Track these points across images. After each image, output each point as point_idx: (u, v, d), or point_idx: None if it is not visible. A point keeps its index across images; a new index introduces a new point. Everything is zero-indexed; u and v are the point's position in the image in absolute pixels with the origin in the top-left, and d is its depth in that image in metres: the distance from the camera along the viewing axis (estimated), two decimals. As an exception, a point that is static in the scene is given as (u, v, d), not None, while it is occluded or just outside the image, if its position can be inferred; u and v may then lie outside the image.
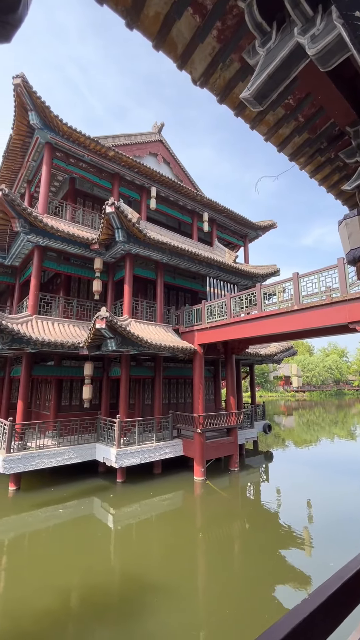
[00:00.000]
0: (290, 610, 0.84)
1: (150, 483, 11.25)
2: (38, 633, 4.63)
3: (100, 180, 14.58)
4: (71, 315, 13.50)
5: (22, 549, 7.27)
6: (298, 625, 0.78)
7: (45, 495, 10.04)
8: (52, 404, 12.94)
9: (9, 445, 10.11)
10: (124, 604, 5.27)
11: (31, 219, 11.30)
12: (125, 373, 12.23)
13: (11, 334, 9.94)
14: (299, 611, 0.83)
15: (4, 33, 0.98)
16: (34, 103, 11.66)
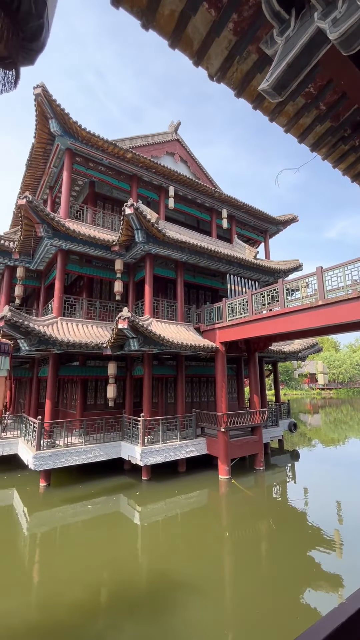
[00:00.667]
0: (334, 609, 0.82)
1: (175, 481, 11.32)
2: (72, 624, 4.78)
3: (119, 183, 14.79)
4: (94, 316, 13.80)
5: (54, 543, 7.53)
6: (344, 623, 0.76)
7: (74, 492, 10.34)
8: (78, 403, 13.29)
9: (39, 443, 10.49)
10: (153, 600, 5.34)
11: (54, 223, 11.64)
12: (148, 372, 12.36)
13: (38, 335, 10.30)
14: (345, 609, 0.80)
15: (29, 58, 1.03)
16: (54, 111, 11.99)
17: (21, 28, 0.91)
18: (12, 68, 1.02)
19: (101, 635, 4.58)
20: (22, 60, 1.00)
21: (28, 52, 1.00)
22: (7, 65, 1.01)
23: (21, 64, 1.01)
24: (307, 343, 17.98)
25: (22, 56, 0.99)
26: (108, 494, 10.22)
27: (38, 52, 1.01)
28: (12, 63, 0.99)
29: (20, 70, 1.03)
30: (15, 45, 0.93)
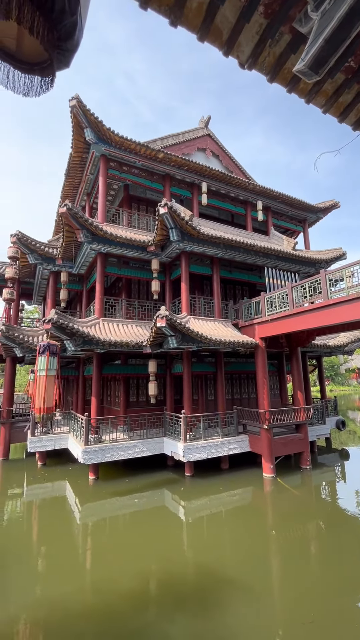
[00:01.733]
0: None
1: (219, 478, 11.29)
2: (124, 610, 4.99)
3: (152, 184, 15.00)
4: (133, 316, 14.17)
5: (104, 533, 7.90)
6: None
7: (121, 485, 10.75)
8: (122, 400, 13.77)
9: (87, 438, 11.04)
10: (202, 594, 5.39)
11: (92, 228, 12.12)
12: (187, 369, 12.44)
13: (82, 336, 10.82)
14: None
15: (64, 60, 1.08)
16: (89, 120, 12.46)
17: (55, 27, 0.95)
18: (49, 73, 1.07)
19: (153, 623, 4.72)
20: (57, 61, 1.04)
21: (63, 53, 1.04)
22: (44, 71, 1.07)
23: (57, 66, 1.06)
24: (354, 336, 16.92)
25: (58, 58, 1.03)
26: (153, 489, 10.48)
27: (73, 52, 1.05)
28: (49, 66, 1.05)
29: (56, 72, 1.08)
30: (52, 44, 0.97)
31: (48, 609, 5.12)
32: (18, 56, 1.04)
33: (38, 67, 1.07)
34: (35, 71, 1.08)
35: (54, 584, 5.76)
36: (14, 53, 1.03)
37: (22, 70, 1.07)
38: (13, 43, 1.02)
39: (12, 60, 1.03)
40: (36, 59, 1.05)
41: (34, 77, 1.08)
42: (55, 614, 4.98)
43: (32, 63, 1.06)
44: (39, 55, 1.05)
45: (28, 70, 1.07)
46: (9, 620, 4.91)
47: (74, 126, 12.81)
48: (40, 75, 1.09)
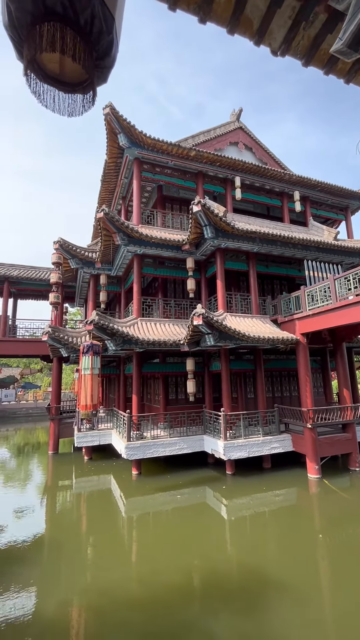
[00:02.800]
0: None
1: (261, 477, 11.08)
2: (170, 602, 5.10)
3: (184, 182, 15.05)
4: (170, 315, 14.35)
5: (148, 526, 8.12)
6: None
7: (163, 482, 10.96)
8: (161, 398, 14.02)
9: (129, 434, 11.41)
10: (246, 593, 5.35)
11: (128, 231, 12.46)
12: (225, 367, 12.34)
13: (122, 336, 11.19)
14: None
15: (102, 76, 1.13)
16: (122, 125, 12.81)
17: (94, 48, 1.00)
18: (90, 90, 1.13)
19: (197, 617, 4.78)
20: (97, 79, 1.10)
21: (101, 70, 1.09)
22: (85, 89, 1.13)
23: (97, 83, 1.12)
24: None
25: (97, 75, 1.09)
26: (194, 486, 10.56)
27: (110, 69, 1.10)
28: (90, 85, 1.11)
29: (97, 89, 1.14)
30: (91, 65, 1.03)
31: (97, 594, 5.39)
32: (61, 78, 1.11)
33: (79, 86, 1.14)
34: (77, 90, 1.15)
35: (103, 572, 6.05)
36: (58, 76, 1.11)
37: (66, 91, 1.14)
38: (57, 67, 1.10)
39: (57, 83, 1.11)
40: (77, 79, 1.12)
41: (77, 96, 1.15)
42: (104, 600, 5.22)
43: (74, 83, 1.13)
44: (80, 76, 1.12)
45: (70, 91, 1.15)
46: (62, 604, 5.25)
47: (108, 133, 13.24)
48: (82, 94, 1.15)
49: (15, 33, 0.96)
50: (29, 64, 1.04)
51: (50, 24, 0.94)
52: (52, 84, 1.12)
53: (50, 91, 1.13)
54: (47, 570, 6.22)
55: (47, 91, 1.13)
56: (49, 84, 1.11)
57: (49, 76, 1.12)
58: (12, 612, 4.95)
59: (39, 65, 1.09)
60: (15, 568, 6.18)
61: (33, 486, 11.80)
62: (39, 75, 1.10)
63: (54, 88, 1.12)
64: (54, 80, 1.12)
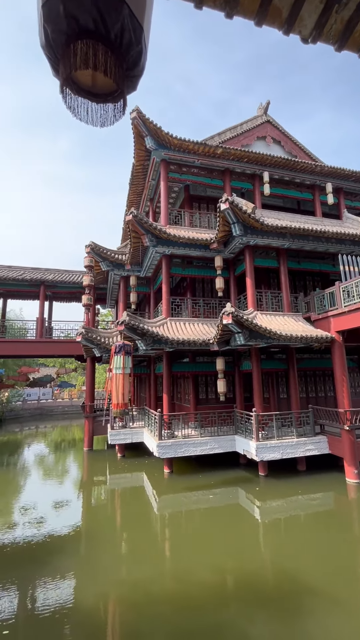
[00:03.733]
0: None
1: (295, 480, 10.76)
2: (203, 602, 5.11)
3: (211, 181, 14.96)
4: (199, 314, 14.34)
5: (181, 525, 8.18)
6: None
7: (195, 481, 10.99)
8: (191, 397, 14.05)
9: (160, 433, 11.56)
10: (280, 598, 5.23)
11: (156, 232, 12.61)
12: (256, 367, 12.11)
13: (152, 336, 11.36)
14: None
15: (132, 85, 1.17)
16: (148, 128, 12.99)
17: (124, 60, 1.04)
18: (120, 99, 1.17)
19: (231, 619, 4.74)
20: (127, 89, 1.14)
21: (131, 80, 1.12)
22: (115, 99, 1.17)
23: (127, 92, 1.15)
24: None
25: (127, 85, 1.12)
26: (226, 486, 10.48)
27: (139, 77, 1.13)
28: (120, 94, 1.14)
29: (127, 97, 1.18)
30: (122, 77, 1.06)
31: (132, 588, 5.52)
32: (93, 90, 1.16)
33: (110, 96, 1.18)
34: (109, 100, 1.19)
35: (137, 567, 6.18)
36: (90, 89, 1.16)
37: (98, 102, 1.19)
38: (89, 80, 1.15)
39: (89, 95, 1.16)
40: (108, 90, 1.17)
41: (108, 106, 1.19)
42: (138, 594, 5.34)
43: (106, 94, 1.17)
44: (111, 86, 1.16)
45: (102, 101, 1.19)
46: (99, 594, 5.44)
47: (135, 136, 13.47)
48: (112, 103, 1.20)
49: (51, 53, 1.02)
50: (65, 81, 1.09)
51: (83, 42, 0.99)
52: (85, 96, 1.17)
53: (84, 104, 1.19)
54: (84, 561, 6.47)
55: (80, 104, 1.19)
56: (82, 97, 1.17)
57: (82, 89, 1.17)
58: (53, 600, 5.21)
59: (72, 80, 1.15)
60: (55, 558, 6.49)
61: (70, 481, 12.32)
62: (73, 89, 1.15)
63: (87, 100, 1.17)
64: (87, 93, 1.17)
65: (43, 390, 38.64)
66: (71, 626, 4.72)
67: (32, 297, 21.39)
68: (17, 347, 19.14)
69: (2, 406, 33.45)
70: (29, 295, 21.46)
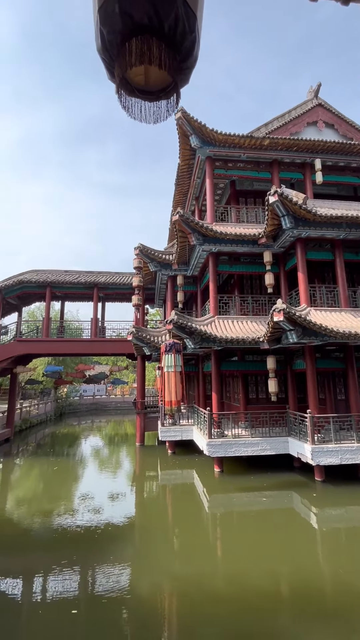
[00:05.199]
0: None
1: (356, 488, 9.98)
2: (258, 607, 4.97)
3: (258, 174, 14.51)
4: (247, 312, 14.00)
5: (233, 525, 8.07)
6: None
7: (246, 482, 10.76)
8: (241, 397, 13.78)
9: (210, 432, 11.52)
10: (343, 614, 4.88)
11: (202, 230, 12.58)
12: (310, 366, 11.47)
13: (200, 334, 11.36)
14: None
15: (185, 78, 1.15)
16: (193, 127, 13.00)
17: (178, 51, 1.02)
18: (173, 94, 1.16)
19: (288, 628, 4.54)
20: (180, 82, 1.12)
21: (184, 72, 1.11)
22: (168, 94, 1.16)
23: (180, 85, 1.14)
24: None
25: (180, 77, 1.10)
26: (280, 489, 10.10)
27: (192, 69, 1.11)
28: (173, 88, 1.14)
29: (180, 91, 1.17)
30: (176, 69, 1.05)
31: (185, 583, 5.57)
32: (146, 88, 1.18)
33: (163, 92, 1.18)
34: (162, 97, 1.20)
35: (189, 562, 6.23)
36: (143, 87, 1.18)
37: (150, 100, 1.20)
38: (142, 79, 1.16)
39: (142, 93, 1.18)
40: (161, 85, 1.17)
41: (161, 102, 1.20)
42: (191, 590, 5.36)
43: (158, 90, 1.18)
44: (164, 81, 1.16)
45: (155, 99, 1.20)
46: (153, 585, 5.58)
47: (180, 136, 13.57)
48: (165, 99, 1.20)
49: (107, 55, 1.05)
50: (120, 83, 1.12)
51: (138, 38, 1.00)
52: (138, 96, 1.19)
53: (137, 103, 1.21)
54: (139, 552, 6.70)
55: (134, 104, 1.21)
56: (135, 97, 1.19)
57: (136, 88, 1.19)
58: (111, 586, 5.47)
59: (126, 81, 1.17)
60: (112, 545, 6.82)
61: (124, 474, 12.87)
62: (127, 90, 1.18)
63: (140, 100, 1.19)
64: (140, 92, 1.19)
65: (97, 386, 40.88)
66: (128, 612, 4.91)
67: (87, 299, 22.72)
68: (74, 346, 20.49)
69: (62, 401, 36.14)
70: (84, 297, 22.83)
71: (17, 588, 5.62)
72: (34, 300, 23.85)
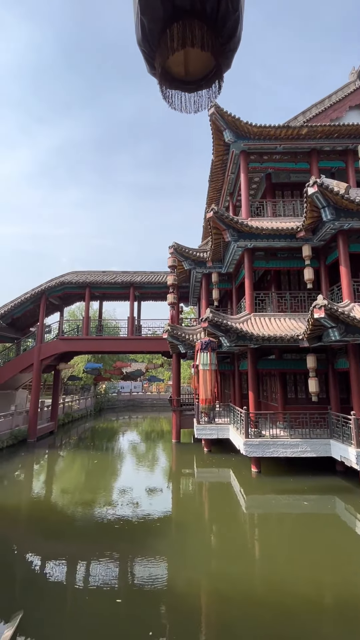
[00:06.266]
0: None
1: None
2: (298, 615, 4.78)
3: (296, 165, 13.95)
4: (285, 308, 13.53)
5: (272, 528, 7.86)
6: None
7: (285, 484, 10.43)
8: (279, 396, 13.37)
9: (247, 431, 11.31)
10: None
11: (237, 226, 12.34)
12: (354, 365, 10.81)
13: (235, 332, 11.18)
14: None
15: (227, 62, 1.11)
16: (226, 121, 12.79)
17: (221, 31, 0.99)
18: (215, 80, 1.13)
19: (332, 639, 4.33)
20: (223, 65, 1.09)
21: (227, 55, 1.07)
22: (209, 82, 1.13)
23: (224, 70, 1.10)
24: None
25: (223, 60, 1.07)
26: (321, 494, 9.67)
27: (235, 51, 1.07)
28: (215, 74, 1.10)
29: (223, 76, 1.13)
30: (219, 50, 1.02)
31: (221, 582, 5.51)
32: (186, 79, 1.16)
33: (204, 80, 1.16)
34: (202, 86, 1.17)
35: (226, 562, 6.16)
36: (183, 77, 1.16)
37: (190, 91, 1.19)
38: (182, 69, 1.14)
39: (183, 84, 1.16)
40: (202, 73, 1.14)
41: (202, 92, 1.18)
42: (228, 590, 5.29)
43: (199, 79, 1.15)
44: (204, 68, 1.13)
45: (195, 88, 1.18)
46: (190, 581, 5.60)
47: (214, 132, 13.42)
48: (206, 88, 1.18)
49: (147, 46, 1.05)
50: (162, 74, 1.11)
51: (179, 23, 0.98)
52: (179, 87, 1.17)
53: (178, 94, 1.20)
54: (176, 548, 6.76)
55: (175, 94, 1.20)
56: (176, 89, 1.17)
57: (176, 79, 1.17)
58: (150, 579, 5.58)
59: (167, 72, 1.16)
60: (150, 539, 6.95)
61: (160, 470, 13.08)
62: (168, 81, 1.17)
63: (180, 91, 1.17)
64: (180, 83, 1.17)
65: (134, 383, 41.91)
66: (166, 606, 4.97)
67: (123, 298, 23.32)
68: (111, 343, 21.16)
69: (101, 396, 37.55)
70: (121, 297, 23.47)
71: (61, 573, 5.93)
72: (74, 300, 24.98)
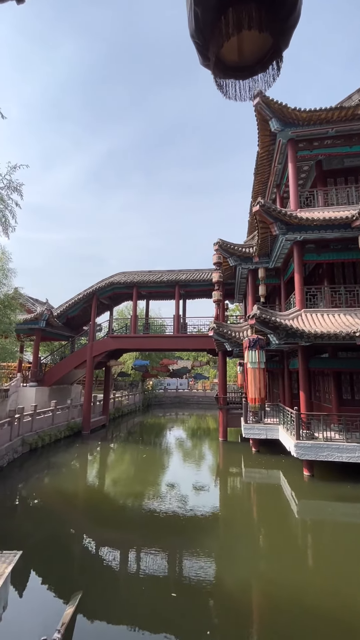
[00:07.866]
0: None
1: None
2: (358, 631, 4.47)
3: (350, 148, 12.94)
4: (339, 304, 12.65)
5: (326, 536, 7.44)
6: None
7: (341, 490, 9.80)
8: (333, 397, 12.58)
9: (298, 432, 10.81)
10: None
11: (286, 218, 11.81)
12: None
13: (285, 329, 10.74)
14: None
15: (285, 40, 1.04)
16: (272, 109, 12.28)
17: (280, 10, 0.93)
18: (272, 61, 1.07)
19: None
20: (282, 44, 1.03)
21: (286, 32, 1.01)
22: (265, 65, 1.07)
23: (282, 49, 1.05)
24: None
25: (281, 39, 1.01)
26: (384, 504, 8.90)
27: (294, 28, 1.00)
28: (274, 54, 1.05)
29: (282, 56, 1.07)
30: (277, 28, 0.96)
31: (272, 585, 5.34)
32: (242, 64, 1.12)
33: (259, 64, 1.11)
34: (258, 70, 1.13)
35: (277, 566, 5.97)
36: (237, 64, 1.12)
37: (244, 77, 1.15)
38: (235, 55, 1.11)
39: (237, 71, 1.12)
40: (257, 55, 1.10)
41: (257, 77, 1.13)
42: (279, 594, 5.11)
43: (253, 64, 1.11)
44: (260, 49, 1.08)
45: (250, 74, 1.14)
46: (240, 581, 5.51)
47: (259, 122, 12.97)
48: (262, 72, 1.13)
49: (201, 37, 1.03)
50: (215, 64, 1.08)
51: (234, 7, 0.95)
52: (233, 74, 1.14)
53: (232, 82, 1.17)
54: (224, 546, 6.72)
55: (229, 83, 1.17)
56: (229, 77, 1.14)
57: (230, 67, 1.14)
58: (201, 576, 5.61)
59: (220, 60, 1.13)
60: (199, 536, 6.99)
61: (207, 467, 13.08)
62: (221, 71, 1.14)
63: (234, 79, 1.14)
64: (234, 70, 1.14)
65: (180, 380, 42.42)
66: (219, 605, 4.97)
67: (169, 296, 23.67)
68: (158, 341, 21.63)
69: (149, 393, 38.64)
70: (166, 295, 23.84)
71: (115, 559, 6.22)
72: (122, 300, 25.95)
